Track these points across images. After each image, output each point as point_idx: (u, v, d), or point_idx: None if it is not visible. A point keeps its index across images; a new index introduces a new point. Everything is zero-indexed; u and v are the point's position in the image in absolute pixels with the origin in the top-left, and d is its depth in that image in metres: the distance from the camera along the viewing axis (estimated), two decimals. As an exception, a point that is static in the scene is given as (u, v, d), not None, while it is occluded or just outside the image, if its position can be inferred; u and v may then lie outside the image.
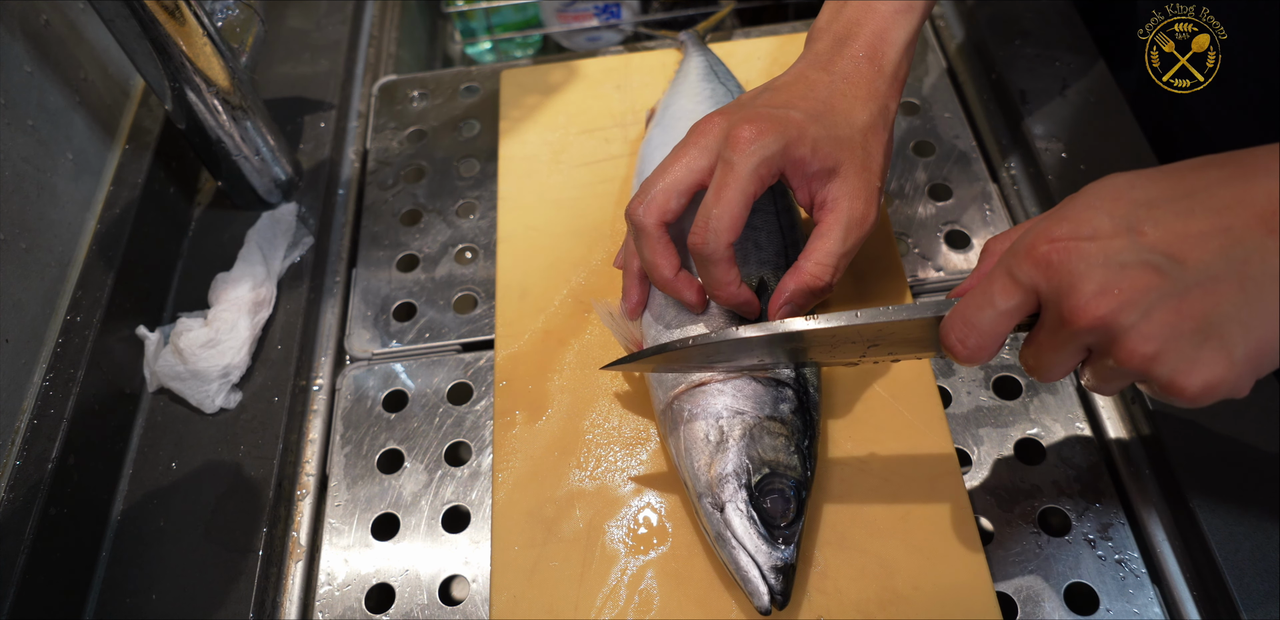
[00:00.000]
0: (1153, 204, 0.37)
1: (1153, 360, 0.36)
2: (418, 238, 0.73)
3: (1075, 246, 0.37)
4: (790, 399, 0.52)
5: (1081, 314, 0.37)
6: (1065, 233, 0.38)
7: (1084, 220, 0.38)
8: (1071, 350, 0.39)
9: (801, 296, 0.52)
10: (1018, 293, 0.39)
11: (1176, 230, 0.36)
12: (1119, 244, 0.36)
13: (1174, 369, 0.36)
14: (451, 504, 0.60)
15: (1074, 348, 0.39)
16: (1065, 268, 0.37)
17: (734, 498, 0.50)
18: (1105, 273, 0.36)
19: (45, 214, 0.65)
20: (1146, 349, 0.36)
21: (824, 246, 0.51)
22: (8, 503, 0.55)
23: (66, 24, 0.71)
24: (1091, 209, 0.38)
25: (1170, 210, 0.36)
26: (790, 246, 0.59)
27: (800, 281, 0.51)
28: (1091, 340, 0.38)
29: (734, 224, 0.49)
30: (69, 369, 0.61)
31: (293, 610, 0.57)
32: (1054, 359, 0.40)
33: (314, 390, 0.67)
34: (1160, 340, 0.36)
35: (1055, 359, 0.40)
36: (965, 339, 0.41)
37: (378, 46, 0.91)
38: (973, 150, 0.73)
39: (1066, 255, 0.37)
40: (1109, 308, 0.36)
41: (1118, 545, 0.54)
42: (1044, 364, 0.41)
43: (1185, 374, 0.36)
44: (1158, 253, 0.36)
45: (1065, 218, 0.38)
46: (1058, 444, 0.58)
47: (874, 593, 0.52)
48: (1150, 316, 0.36)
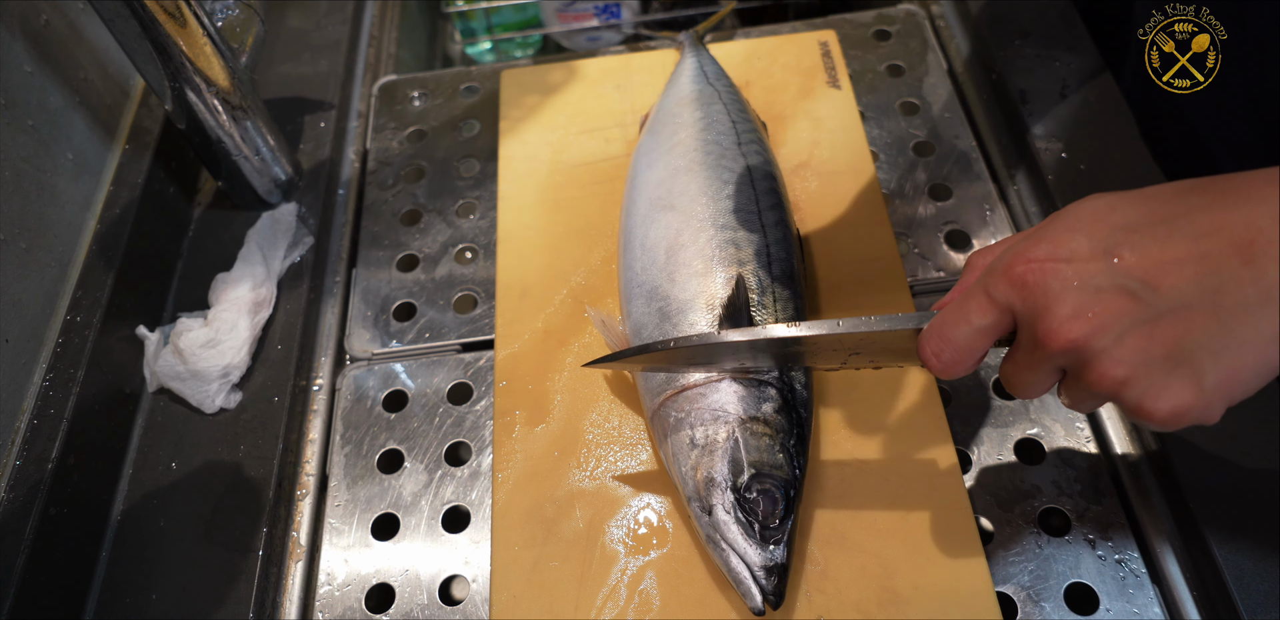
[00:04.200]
0: (1132, 228, 0.37)
1: (1123, 384, 0.36)
2: (418, 238, 0.73)
3: (1052, 268, 0.37)
4: (774, 398, 0.53)
5: (1055, 336, 0.37)
6: (1043, 254, 0.38)
7: (1063, 242, 0.38)
8: (1046, 371, 0.39)
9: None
10: (993, 311, 0.39)
11: (1153, 255, 0.36)
12: (1095, 267, 0.37)
13: (1143, 393, 0.36)
14: (451, 504, 0.60)
15: (1048, 368, 0.39)
16: (1041, 289, 0.37)
17: (721, 500, 0.50)
18: (1080, 296, 0.37)
19: (45, 214, 0.65)
20: (1117, 373, 0.36)
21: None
22: (8, 503, 0.55)
23: (66, 24, 0.71)
24: (1071, 231, 0.38)
25: (1149, 235, 0.36)
26: (772, 245, 0.59)
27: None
28: (1064, 362, 0.38)
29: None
30: (69, 369, 0.61)
31: (293, 610, 0.57)
32: (1030, 378, 0.40)
33: (314, 390, 0.67)
34: (1131, 365, 0.36)
35: (1031, 378, 0.40)
36: (940, 353, 0.42)
37: (378, 46, 0.91)
38: (973, 150, 0.73)
39: (1043, 276, 0.37)
40: (1082, 331, 0.36)
41: (1118, 545, 0.54)
42: (1021, 382, 0.41)
43: (1154, 399, 0.36)
44: (1133, 278, 0.36)
45: (1045, 238, 0.38)
46: (1058, 444, 0.58)
47: (874, 593, 0.52)
48: (1122, 341, 0.36)
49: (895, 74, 0.79)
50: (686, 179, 0.63)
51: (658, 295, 0.58)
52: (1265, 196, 0.35)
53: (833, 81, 0.77)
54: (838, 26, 0.82)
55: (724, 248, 0.58)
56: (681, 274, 0.58)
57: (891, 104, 0.77)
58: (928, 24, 0.82)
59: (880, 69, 0.80)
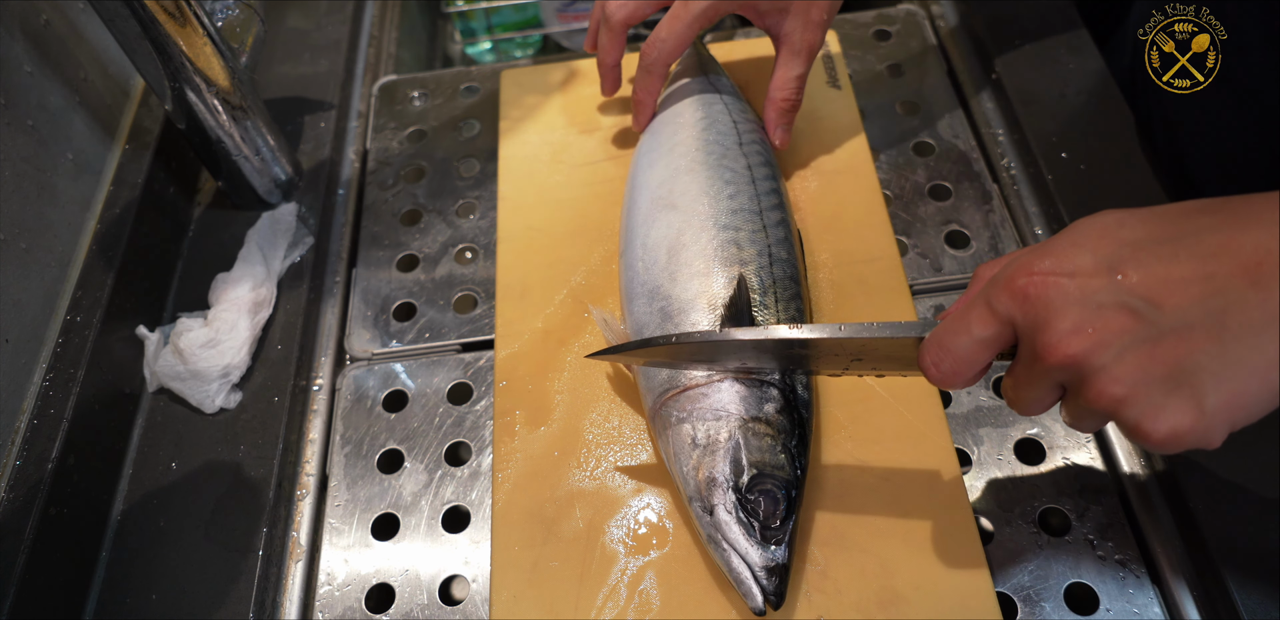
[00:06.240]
0: (1138, 245, 0.36)
1: (1121, 403, 0.36)
2: (418, 238, 0.73)
3: (1054, 282, 0.37)
4: (775, 399, 0.53)
5: (1054, 351, 0.37)
6: (1047, 267, 0.37)
7: (1067, 256, 0.37)
8: (1046, 386, 0.39)
9: (780, 116, 0.67)
10: (994, 323, 0.39)
11: (1158, 274, 0.35)
12: (1098, 283, 0.36)
13: (1141, 413, 0.35)
14: (451, 504, 0.60)
15: (1048, 384, 0.39)
16: (1042, 302, 0.37)
17: (723, 500, 0.50)
18: (1081, 311, 0.36)
19: (45, 214, 0.65)
20: (1115, 391, 0.36)
21: (785, 73, 0.66)
22: (8, 503, 0.55)
23: (66, 24, 0.71)
24: (1076, 245, 0.38)
25: (1154, 253, 0.36)
26: (774, 244, 0.59)
27: (775, 107, 0.67)
28: (1063, 378, 0.38)
29: (676, 48, 0.65)
30: (69, 369, 0.61)
31: (293, 610, 0.57)
32: (1030, 393, 0.40)
33: (314, 390, 0.67)
34: (1130, 384, 0.35)
35: (1031, 394, 0.40)
36: (939, 363, 0.41)
37: (378, 46, 0.91)
38: (973, 150, 0.73)
39: (1044, 290, 0.37)
40: (1081, 347, 0.36)
41: (1118, 545, 0.54)
42: (1021, 398, 0.41)
43: (1152, 419, 0.35)
44: (1136, 295, 0.35)
45: (1049, 252, 0.38)
46: (1058, 444, 0.58)
47: (874, 593, 0.52)
48: (1122, 359, 0.35)
49: (895, 74, 0.79)
50: (688, 179, 0.63)
51: (659, 295, 0.58)
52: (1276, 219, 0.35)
53: (833, 81, 0.77)
54: (838, 26, 0.82)
55: (726, 247, 0.58)
56: (683, 274, 0.58)
57: (891, 104, 0.77)
58: (928, 24, 0.82)
59: (880, 69, 0.80)
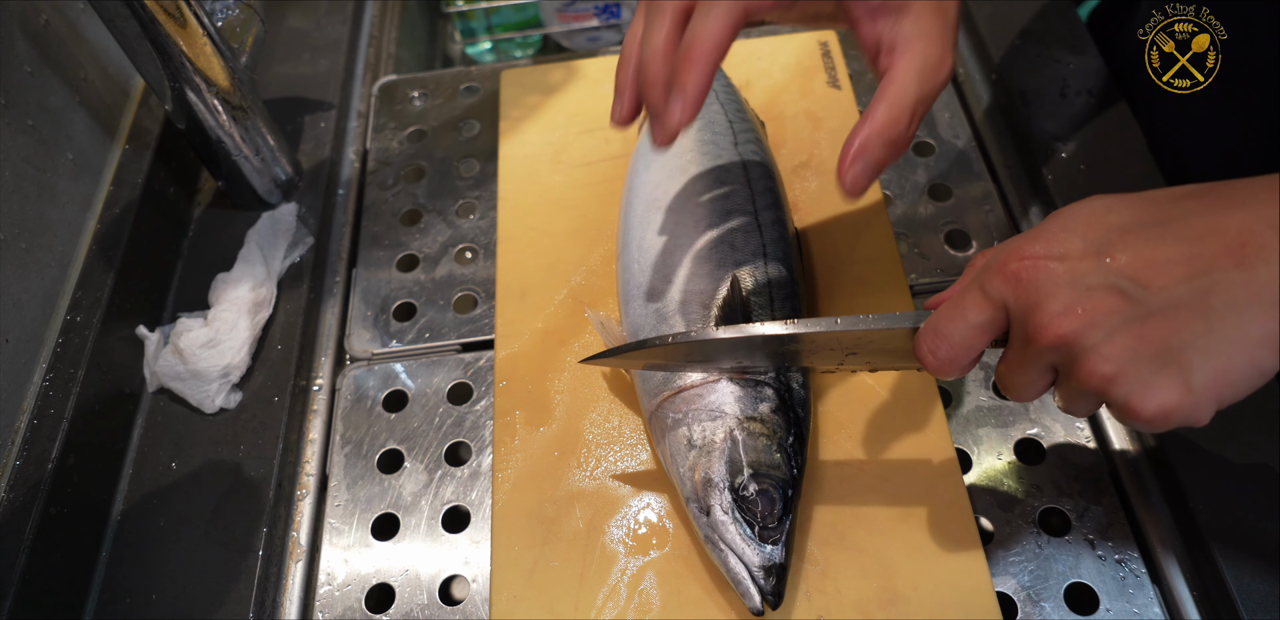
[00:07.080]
0: (1126, 229, 0.37)
1: (1110, 381, 0.36)
2: (418, 238, 0.73)
3: (1044, 265, 0.38)
4: (770, 398, 0.53)
5: (1045, 332, 0.37)
6: (1037, 251, 0.38)
7: (1057, 240, 0.38)
8: (1039, 369, 0.40)
9: (876, 145, 0.45)
10: (988, 307, 0.40)
11: (1145, 256, 0.36)
12: (1087, 266, 0.37)
13: (1130, 392, 0.36)
14: (451, 504, 0.60)
15: (1040, 366, 0.40)
16: (1033, 285, 0.38)
17: (719, 500, 0.50)
18: (1071, 293, 0.37)
19: (45, 214, 0.65)
20: (1105, 370, 0.36)
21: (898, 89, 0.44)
22: (8, 503, 0.55)
23: (66, 24, 0.71)
24: (1066, 230, 0.38)
25: (1142, 236, 0.37)
26: (769, 245, 0.59)
27: (873, 128, 0.44)
28: (1055, 359, 0.39)
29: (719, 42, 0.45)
30: (69, 369, 0.61)
31: (293, 610, 0.57)
32: (1024, 378, 0.41)
33: (314, 390, 0.67)
34: (1119, 362, 0.36)
35: (1025, 378, 0.41)
36: (936, 350, 0.42)
37: (378, 46, 0.91)
38: (973, 150, 0.73)
39: (1035, 273, 0.38)
40: (1072, 327, 0.37)
41: (1118, 545, 0.54)
42: (1015, 383, 0.41)
43: (1141, 397, 0.36)
44: (1125, 277, 0.36)
45: (1040, 237, 0.39)
46: (1058, 444, 0.58)
47: (874, 593, 0.52)
48: (1112, 338, 0.36)
49: (895, 74, 0.79)
50: (683, 179, 0.63)
51: (655, 296, 0.58)
52: (1262, 201, 0.35)
53: (833, 81, 0.77)
54: (838, 26, 0.82)
55: (720, 248, 0.58)
56: (678, 275, 0.58)
57: (891, 104, 0.77)
58: (928, 24, 0.82)
59: (880, 69, 0.79)
